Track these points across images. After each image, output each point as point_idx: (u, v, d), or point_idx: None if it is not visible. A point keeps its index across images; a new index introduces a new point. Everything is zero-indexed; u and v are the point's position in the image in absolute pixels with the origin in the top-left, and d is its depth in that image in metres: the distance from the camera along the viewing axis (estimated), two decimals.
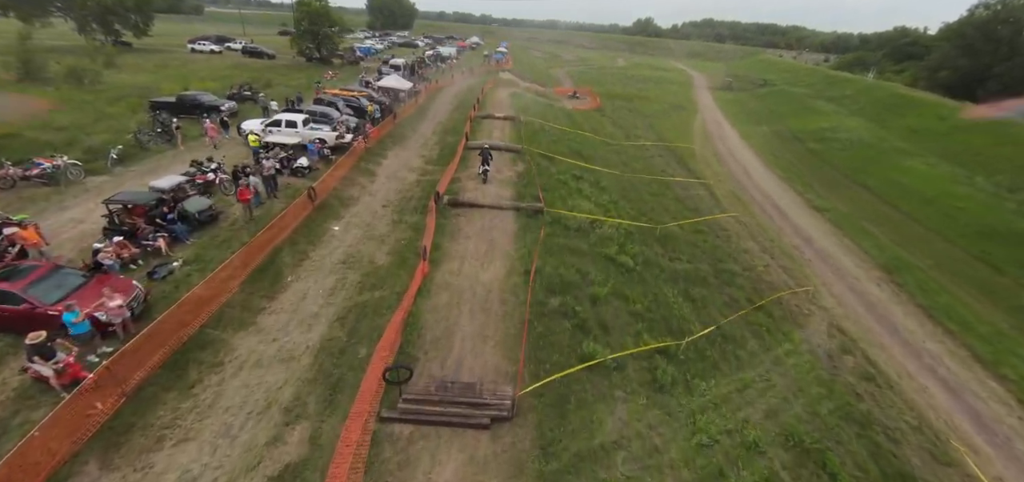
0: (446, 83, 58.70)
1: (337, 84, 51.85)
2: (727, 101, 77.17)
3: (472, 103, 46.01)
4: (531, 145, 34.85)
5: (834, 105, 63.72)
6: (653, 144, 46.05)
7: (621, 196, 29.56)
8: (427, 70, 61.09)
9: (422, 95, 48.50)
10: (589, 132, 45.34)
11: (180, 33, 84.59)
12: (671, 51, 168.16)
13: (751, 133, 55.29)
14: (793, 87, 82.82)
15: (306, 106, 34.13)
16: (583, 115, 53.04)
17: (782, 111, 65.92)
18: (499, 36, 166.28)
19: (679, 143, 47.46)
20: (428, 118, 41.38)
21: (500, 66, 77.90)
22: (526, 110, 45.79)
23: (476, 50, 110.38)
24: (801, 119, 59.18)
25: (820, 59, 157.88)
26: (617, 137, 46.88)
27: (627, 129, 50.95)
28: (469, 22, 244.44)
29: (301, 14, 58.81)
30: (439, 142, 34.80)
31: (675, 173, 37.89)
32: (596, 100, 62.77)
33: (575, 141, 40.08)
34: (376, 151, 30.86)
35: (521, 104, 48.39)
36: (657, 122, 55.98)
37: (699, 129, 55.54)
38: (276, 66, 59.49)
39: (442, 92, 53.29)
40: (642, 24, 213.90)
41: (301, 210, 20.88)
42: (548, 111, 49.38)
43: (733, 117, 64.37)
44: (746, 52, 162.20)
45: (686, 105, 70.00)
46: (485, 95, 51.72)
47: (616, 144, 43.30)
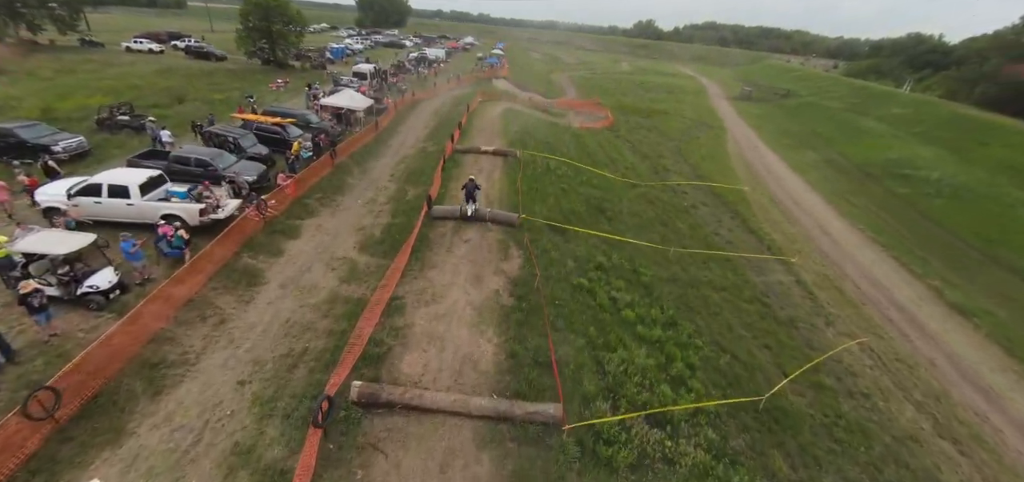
0: (426, 95, 46.21)
1: (287, 96, 39.43)
2: (752, 115, 64.96)
3: (453, 124, 33.75)
4: (533, 200, 22.63)
5: (887, 125, 51.62)
6: (690, 184, 33.83)
7: (680, 307, 17.39)
8: (402, 79, 48.45)
9: (390, 113, 36.12)
10: (606, 167, 33.14)
11: (137, 29, 71.64)
12: (674, 55, 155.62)
13: (800, 162, 43.16)
14: (823, 99, 70.76)
15: (224, 135, 21.81)
16: (595, 139, 40.76)
17: (825, 131, 53.79)
18: (496, 36, 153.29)
19: (721, 180, 35.31)
20: (388, 152, 29.00)
21: (494, 72, 65.25)
22: (524, 137, 33.48)
23: (470, 51, 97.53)
24: (855, 144, 47.10)
25: (829, 65, 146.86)
26: (642, 172, 34.68)
27: (652, 158, 38.72)
28: (466, 21, 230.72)
29: (249, 7, 46.06)
30: (395, 199, 22.39)
31: (738, 242, 25.70)
32: (608, 116, 50.42)
33: (592, 185, 27.84)
34: (282, 223, 18.47)
35: (518, 127, 36.02)
36: (685, 147, 43.74)
37: (736, 156, 43.33)
38: (219, 71, 46.74)
39: (418, 108, 40.84)
40: (643, 26, 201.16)
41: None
42: (552, 135, 37.11)
43: (768, 137, 52.17)
44: (752, 57, 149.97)
45: (709, 121, 57.71)
46: (473, 112, 39.34)
47: (644, 187, 31.04)
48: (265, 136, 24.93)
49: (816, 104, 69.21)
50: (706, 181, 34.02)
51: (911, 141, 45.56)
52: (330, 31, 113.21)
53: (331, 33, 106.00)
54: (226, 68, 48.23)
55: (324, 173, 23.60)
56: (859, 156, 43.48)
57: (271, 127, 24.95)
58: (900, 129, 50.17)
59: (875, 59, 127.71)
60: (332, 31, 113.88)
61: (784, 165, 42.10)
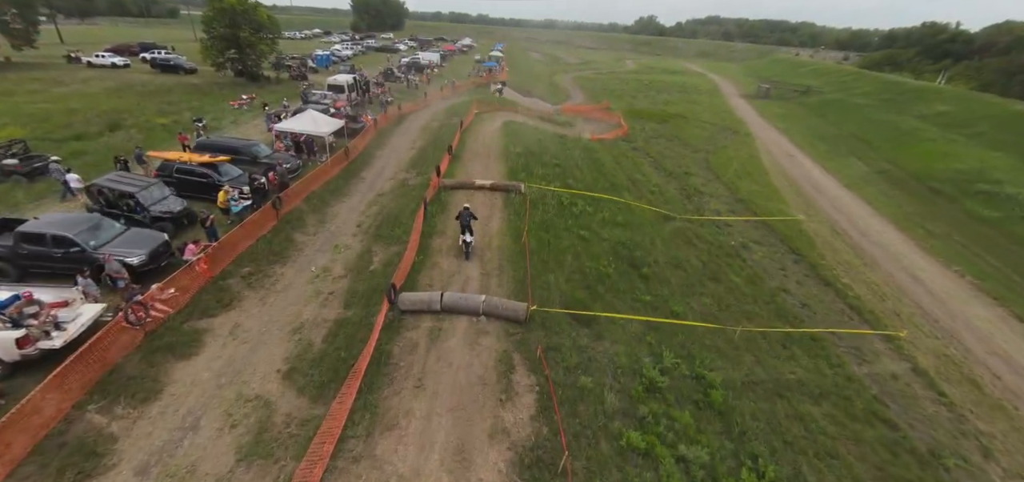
0: (416, 106, 39.75)
1: (251, 116, 33.06)
2: (776, 115, 58.16)
3: (444, 145, 27.36)
4: (545, 261, 16.33)
5: (935, 127, 44.76)
6: (732, 211, 27.30)
7: (775, 448, 10.95)
8: (388, 90, 41.81)
9: (369, 132, 29.72)
10: (629, 191, 26.80)
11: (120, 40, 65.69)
12: (679, 51, 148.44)
13: (848, 174, 36.46)
14: (849, 96, 63.93)
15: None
16: (611, 153, 34.29)
17: (864, 134, 47.03)
18: (495, 36, 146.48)
19: (764, 203, 28.73)
20: (359, 188, 22.56)
21: (493, 77, 58.66)
22: (529, 160, 27.03)
23: (467, 54, 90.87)
24: (906, 150, 40.35)
25: (839, 57, 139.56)
26: (672, 197, 28.21)
27: (679, 176, 32.17)
28: (465, 22, 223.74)
29: (213, 13, 39.65)
30: (355, 269, 15.87)
31: (815, 303, 19.09)
32: (622, 124, 43.86)
33: (617, 223, 21.46)
34: (177, 330, 12.11)
35: (520, 146, 29.50)
36: (714, 159, 37.10)
37: (773, 169, 36.65)
38: (182, 87, 40.38)
39: (405, 124, 34.41)
40: (644, 23, 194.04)
41: None
42: (561, 153, 30.63)
43: (803, 143, 45.43)
44: (760, 51, 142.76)
45: (732, 125, 50.98)
46: (467, 128, 32.85)
47: (679, 221, 24.55)
48: (191, 180, 18.56)
49: (843, 101, 62.38)
50: (746, 204, 27.42)
51: (971, 146, 38.77)
52: (323, 37, 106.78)
53: (322, 39, 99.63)
54: (191, 83, 41.85)
55: (264, 231, 17.21)
56: (915, 165, 36.74)
57: (197, 168, 18.53)
58: (951, 131, 43.34)
59: (889, 50, 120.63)
60: (325, 36, 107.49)
61: (832, 179, 35.38)
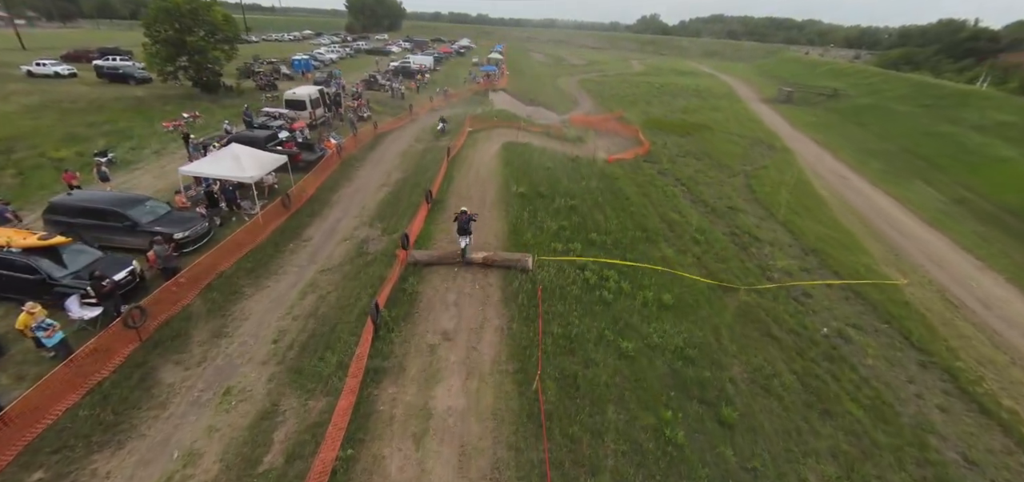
0: (398, 122, 32.60)
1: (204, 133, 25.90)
2: (808, 124, 50.89)
3: (426, 177, 20.30)
4: (569, 403, 9.43)
5: (1007, 143, 37.39)
6: (806, 269, 20.17)
7: None
8: (363, 103, 34.29)
9: (330, 164, 22.64)
10: (667, 240, 19.82)
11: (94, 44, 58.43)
12: (684, 50, 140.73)
13: (923, 204, 29.27)
14: (883, 101, 56.61)
15: None
16: (635, 181, 27.26)
17: (921, 149, 39.76)
18: (495, 37, 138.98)
19: (845, 257, 21.53)
20: (292, 264, 15.33)
21: (491, 83, 51.34)
22: (535, 203, 19.84)
23: (465, 56, 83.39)
24: (986, 174, 33.12)
25: (850, 55, 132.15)
26: (722, 247, 21.07)
27: (723, 213, 24.95)
28: (465, 22, 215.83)
29: (155, 13, 32.39)
30: (240, 458, 8.88)
31: (976, 449, 12.03)
32: (641, 140, 36.75)
33: (662, 303, 14.62)
34: None
35: (524, 183, 22.26)
36: (758, 184, 29.85)
37: (832, 198, 29.38)
38: (121, 101, 33.16)
39: (380, 148, 27.28)
40: (647, 21, 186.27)
41: None
42: (575, 188, 23.49)
43: (851, 159, 38.15)
44: (768, 50, 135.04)
45: (764, 136, 43.75)
46: (458, 154, 25.64)
47: (744, 292, 17.44)
48: (9, 277, 11.49)
49: (879, 107, 55.06)
50: (840, 274, 20.17)
51: None
52: (313, 38, 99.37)
53: (310, 41, 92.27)
54: (134, 97, 34.53)
55: (106, 371, 10.14)
56: (1004, 195, 29.51)
57: (17, 257, 11.43)
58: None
59: (906, 49, 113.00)
60: (316, 38, 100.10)
61: (907, 213, 28.15)
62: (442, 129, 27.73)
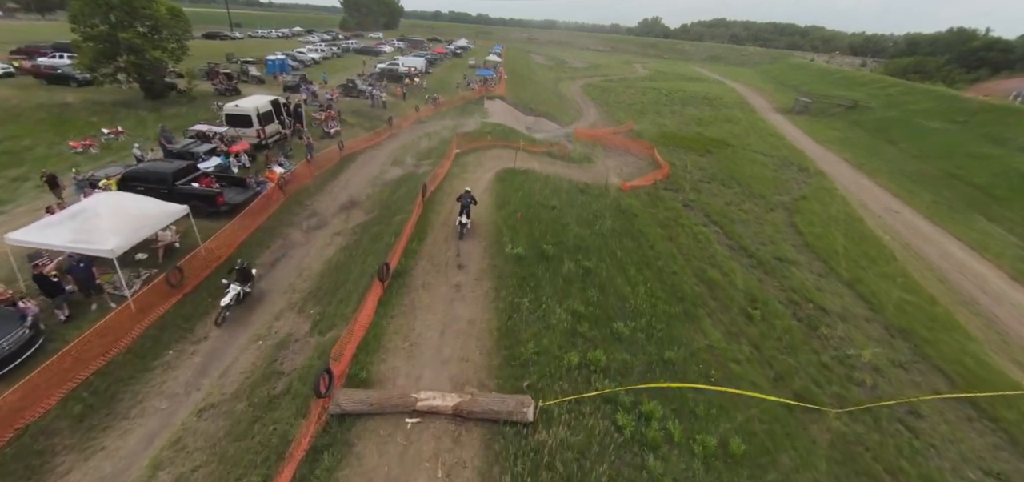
0: (373, 140, 26.78)
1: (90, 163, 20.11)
2: (833, 140, 45.35)
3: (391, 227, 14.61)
4: None
5: None
6: (898, 361, 14.58)
7: None
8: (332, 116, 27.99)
9: (272, 202, 16.89)
10: (708, 314, 14.39)
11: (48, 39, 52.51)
12: (687, 54, 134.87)
13: (1001, 251, 23.68)
14: (910, 116, 51.06)
15: None
16: (656, 218, 21.74)
17: (969, 174, 34.10)
18: (494, 37, 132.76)
19: (941, 338, 15.93)
20: (162, 397, 9.66)
21: (488, 89, 45.43)
22: (536, 270, 14.10)
23: (462, 56, 77.32)
24: None
25: (856, 63, 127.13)
26: (782, 322, 15.47)
27: (774, 270, 19.28)
28: (465, 22, 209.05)
29: (85, 4, 26.34)
30: None
31: None
32: (658, 160, 31.15)
33: (730, 456, 8.88)
34: None
35: (522, 236, 16.51)
36: (803, 223, 24.09)
37: (892, 242, 23.74)
38: (45, 108, 27.21)
39: (339, 181, 21.41)
40: (649, 24, 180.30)
41: None
42: (587, 234, 17.82)
43: (895, 186, 32.52)
44: (773, 56, 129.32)
45: (791, 156, 38.13)
46: (434, 196, 19.79)
47: (834, 418, 11.79)
48: None
49: (906, 122, 49.51)
50: (944, 370, 14.56)
51: None
52: (305, 35, 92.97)
53: (301, 38, 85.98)
54: (62, 102, 28.43)
55: None
56: None
57: None
58: None
59: (916, 57, 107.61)
60: (307, 35, 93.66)
61: (985, 264, 22.51)
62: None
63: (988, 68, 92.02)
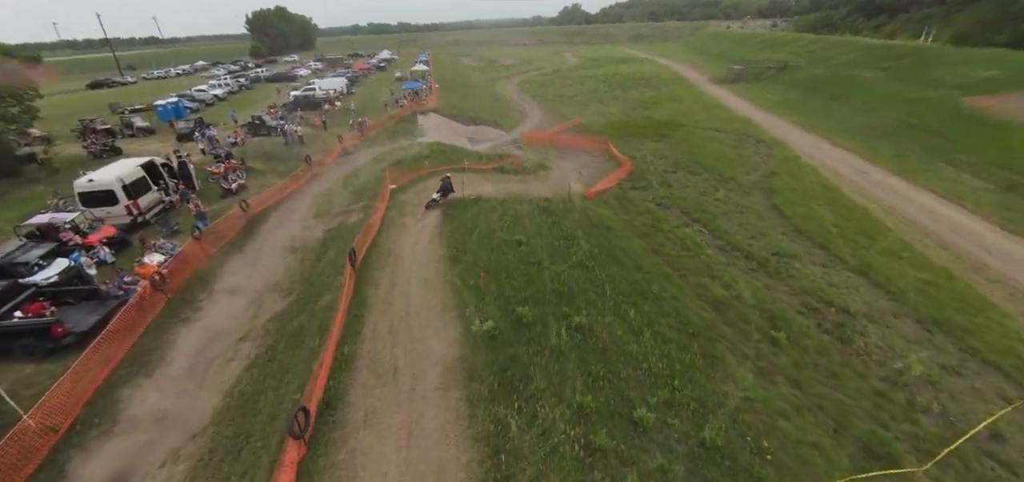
0: (290, 188, 21.96)
1: None
2: (776, 104, 44.71)
3: (303, 367, 10.45)
4: None
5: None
6: (955, 375, 12.18)
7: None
8: (233, 168, 22.57)
9: (143, 310, 12.17)
10: (731, 347, 11.43)
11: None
12: (612, 37, 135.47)
13: (978, 199, 22.55)
14: (839, 69, 51.58)
15: None
16: (633, 227, 18.75)
17: (921, 121, 33.63)
18: (418, 45, 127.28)
19: (993, 334, 13.77)
20: None
21: (419, 103, 41.04)
22: (514, 354, 10.46)
23: (387, 70, 71.94)
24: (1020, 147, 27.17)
25: (767, 24, 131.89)
26: (813, 343, 12.74)
27: (771, 267, 16.68)
28: (386, 32, 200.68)
29: None
30: None
31: None
32: (614, 154, 28.38)
33: None
34: None
35: (490, 310, 12.77)
36: (783, 203, 21.95)
37: (878, 210, 22.04)
38: None
39: (250, 249, 16.64)
40: (570, 12, 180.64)
41: None
42: (567, 277, 14.32)
43: (854, 145, 31.46)
44: (692, 27, 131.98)
45: (742, 128, 36.70)
46: (370, 257, 15.63)
47: (902, 470, 8.99)
48: None
49: (837, 76, 49.79)
50: (1009, 374, 12.29)
51: None
52: (208, 70, 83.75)
53: (203, 75, 77.14)
54: None
55: None
56: None
57: None
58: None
59: (822, 12, 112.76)
60: (213, 69, 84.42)
61: (970, 216, 21.15)
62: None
63: (886, 13, 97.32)
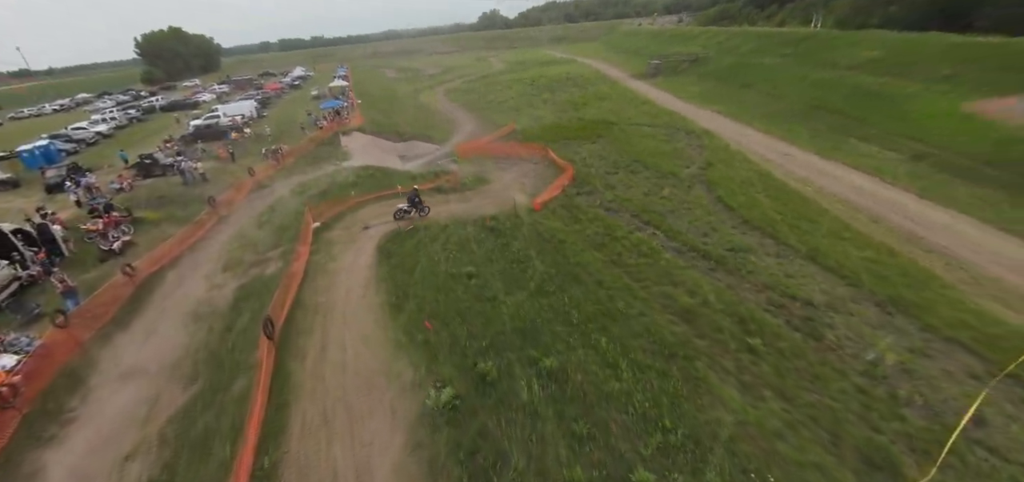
0: (191, 237, 18.46)
1: None
2: (695, 95, 46.22)
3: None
4: None
5: (901, 81, 34.97)
6: (925, 357, 11.98)
7: None
8: (113, 221, 18.74)
9: (14, 405, 8.97)
10: (712, 364, 10.50)
11: None
12: (534, 40, 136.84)
13: (895, 171, 23.85)
14: (747, 58, 54.52)
15: None
16: (587, 238, 17.41)
17: (826, 102, 35.81)
18: (336, 59, 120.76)
19: (946, 309, 13.91)
20: None
21: (341, 122, 37.70)
22: (484, 426, 8.68)
23: (302, 87, 66.72)
24: (917, 120, 29.22)
25: (674, 20, 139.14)
26: (787, 343, 12.10)
27: (728, 264, 16.11)
28: (299, 48, 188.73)
29: None
30: None
31: None
32: (556, 161, 27.31)
33: None
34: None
35: (447, 372, 10.85)
36: (724, 193, 21.81)
37: (812, 192, 22.57)
38: None
39: (140, 322, 13.36)
40: (489, 18, 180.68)
41: None
42: (526, 307, 12.75)
43: (775, 130, 32.67)
44: (607, 27, 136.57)
45: (672, 120, 37.29)
46: (295, 314, 13.07)
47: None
48: None
49: (746, 65, 52.55)
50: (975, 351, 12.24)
51: (974, 97, 28.77)
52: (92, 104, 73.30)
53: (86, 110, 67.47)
54: None
55: None
56: (952, 142, 25.40)
57: None
58: (912, 81, 33.78)
59: (720, 6, 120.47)
60: (98, 101, 73.87)
61: (890, 188, 22.18)
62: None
63: (776, 3, 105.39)
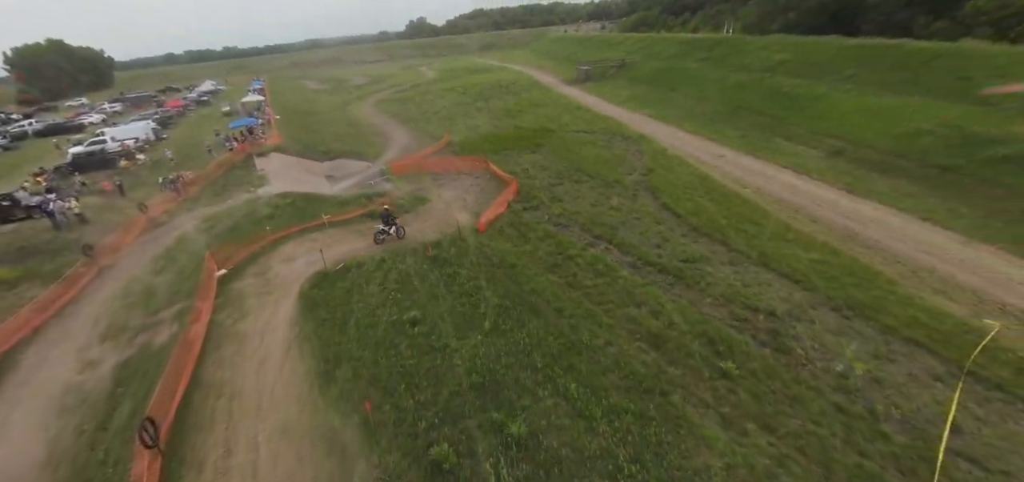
0: (58, 302, 14.73)
1: None
2: (626, 99, 46.84)
3: None
4: None
5: (808, 81, 37.20)
6: (888, 361, 11.69)
7: None
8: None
9: None
10: (691, 399, 9.22)
11: None
12: (463, 47, 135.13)
13: (821, 169, 24.80)
14: (669, 63, 56.13)
15: None
16: (539, 260, 16.01)
17: (746, 102, 37.35)
18: (251, 70, 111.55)
19: (897, 306, 13.93)
20: None
21: (255, 142, 33.55)
22: None
23: (211, 104, 60.03)
24: (829, 117, 30.96)
25: (597, 27, 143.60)
26: (757, 360, 11.33)
27: (686, 277, 15.36)
28: (208, 59, 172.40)
29: None
30: None
31: None
32: (498, 174, 25.79)
33: None
34: None
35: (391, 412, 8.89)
36: (669, 199, 21.39)
37: (751, 194, 22.76)
38: None
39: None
40: (416, 26, 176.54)
41: None
42: (491, 364, 11.04)
43: (699, 129, 33.48)
44: (535, 34, 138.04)
45: (607, 126, 37.16)
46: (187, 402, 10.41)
47: None
48: None
49: (670, 69, 54.13)
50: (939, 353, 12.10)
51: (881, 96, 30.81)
52: None
53: None
54: None
55: None
56: (862, 136, 27.01)
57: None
58: (820, 81, 36.08)
59: (639, 13, 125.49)
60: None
61: (819, 185, 22.94)
62: None
63: (689, 11, 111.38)
